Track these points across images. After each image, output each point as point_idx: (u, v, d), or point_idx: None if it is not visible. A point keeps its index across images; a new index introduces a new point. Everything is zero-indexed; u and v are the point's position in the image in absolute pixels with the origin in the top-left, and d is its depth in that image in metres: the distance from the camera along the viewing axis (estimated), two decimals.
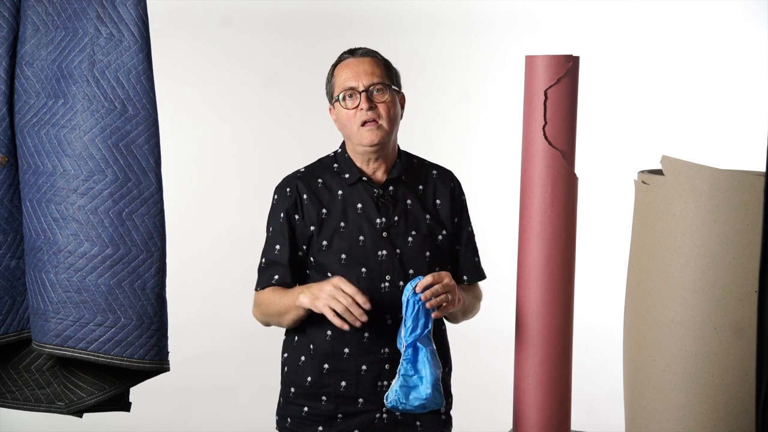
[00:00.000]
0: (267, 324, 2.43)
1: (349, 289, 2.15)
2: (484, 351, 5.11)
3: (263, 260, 2.39)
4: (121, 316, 2.44)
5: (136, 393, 2.70)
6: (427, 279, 2.20)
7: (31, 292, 2.50)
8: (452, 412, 2.50)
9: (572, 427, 2.56)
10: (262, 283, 2.39)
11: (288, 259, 2.35)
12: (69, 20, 2.45)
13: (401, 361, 2.21)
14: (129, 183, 2.43)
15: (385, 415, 2.34)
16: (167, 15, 4.45)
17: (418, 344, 2.20)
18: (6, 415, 3.35)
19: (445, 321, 2.47)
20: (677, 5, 6.29)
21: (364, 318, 2.15)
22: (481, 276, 2.49)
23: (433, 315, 2.21)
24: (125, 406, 2.70)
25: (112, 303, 2.43)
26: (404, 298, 2.20)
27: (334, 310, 2.15)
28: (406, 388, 2.21)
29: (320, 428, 2.36)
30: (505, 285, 2.77)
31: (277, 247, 2.36)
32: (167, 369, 2.54)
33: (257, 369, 4.73)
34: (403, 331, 2.20)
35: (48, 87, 2.46)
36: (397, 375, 2.22)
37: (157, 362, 2.49)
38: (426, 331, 2.20)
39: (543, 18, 6.41)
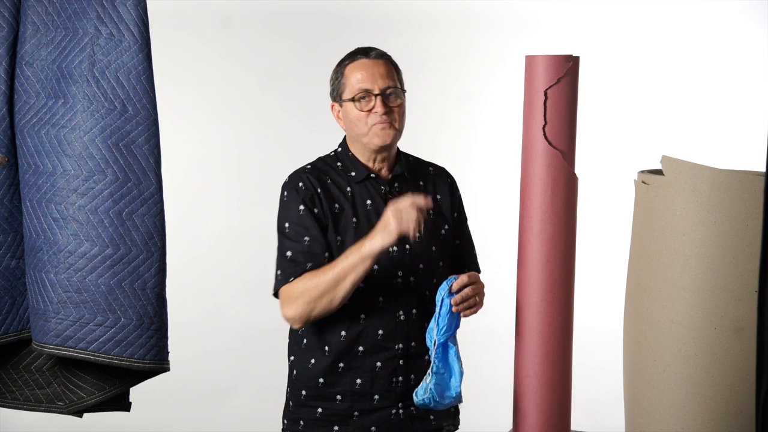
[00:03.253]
0: (307, 317, 2.26)
1: (413, 200, 2.18)
2: (484, 351, 5.11)
3: (289, 254, 2.29)
4: (121, 316, 2.44)
5: (136, 393, 2.70)
6: (464, 279, 2.24)
7: (31, 292, 2.50)
8: None
9: (572, 427, 2.56)
10: (295, 273, 2.27)
11: (322, 247, 2.28)
12: (69, 20, 2.45)
13: (433, 359, 2.23)
14: (129, 183, 2.43)
15: (401, 411, 2.35)
16: (167, 15, 4.45)
17: (448, 343, 2.23)
18: (6, 415, 3.35)
19: None
20: (677, 5, 6.29)
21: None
22: (478, 270, 2.52)
23: (462, 315, 2.25)
24: (125, 406, 2.70)
25: (112, 303, 2.43)
26: (438, 297, 2.23)
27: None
28: (440, 387, 2.23)
29: (336, 428, 2.35)
30: (505, 285, 2.77)
31: (306, 238, 2.28)
32: (167, 369, 2.54)
33: (257, 369, 4.74)
34: (435, 330, 2.23)
35: (48, 87, 2.46)
36: (429, 374, 2.23)
37: (157, 362, 2.49)
38: (456, 330, 2.24)
39: (543, 18, 6.41)
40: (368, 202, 2.35)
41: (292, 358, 2.42)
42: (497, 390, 3.90)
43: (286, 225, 2.32)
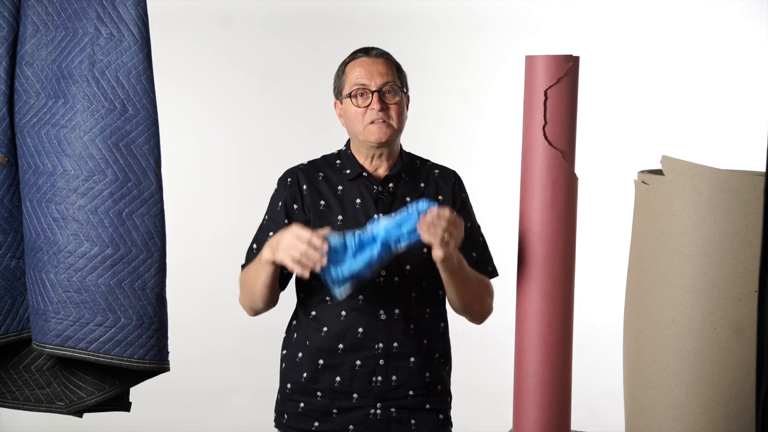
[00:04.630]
0: (252, 309, 2.37)
1: (305, 234, 2.09)
2: (484, 351, 5.11)
3: (254, 245, 2.38)
4: (121, 316, 2.44)
5: (136, 393, 2.70)
6: (446, 212, 2.09)
7: (31, 292, 2.50)
8: (452, 412, 2.50)
9: (572, 427, 2.56)
10: (245, 265, 2.38)
11: None
12: (69, 20, 2.45)
13: (357, 232, 2.11)
14: (129, 183, 2.43)
15: (379, 411, 2.35)
16: (167, 15, 4.45)
17: (377, 242, 2.10)
18: (6, 415, 3.35)
19: (447, 319, 2.46)
20: (677, 5, 6.29)
21: (324, 261, 2.08)
22: (488, 271, 2.44)
23: (423, 239, 2.10)
24: (125, 406, 2.70)
25: (112, 303, 2.44)
26: (413, 205, 2.10)
27: (295, 260, 2.09)
28: (336, 256, 2.10)
29: (316, 424, 2.37)
30: (505, 285, 2.77)
31: (271, 233, 2.35)
32: (167, 369, 2.54)
33: (257, 369, 4.74)
34: (384, 221, 2.10)
35: (48, 87, 2.46)
36: (351, 233, 2.11)
37: (157, 362, 2.49)
38: (393, 242, 2.11)
39: (543, 18, 6.41)
40: (357, 200, 2.35)
41: (284, 352, 2.44)
42: (497, 390, 3.91)
43: (266, 216, 2.39)
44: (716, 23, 6.28)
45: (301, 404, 2.38)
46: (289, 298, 2.52)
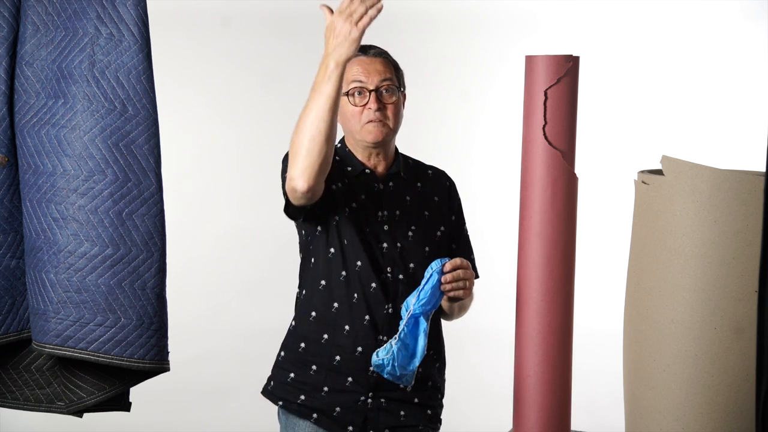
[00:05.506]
0: (308, 168, 2.13)
1: (343, 7, 2.07)
2: (484, 351, 5.11)
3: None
4: (121, 316, 2.44)
5: (136, 393, 2.70)
6: (457, 261, 2.26)
7: (31, 292, 2.50)
8: (452, 412, 2.50)
9: (572, 427, 2.56)
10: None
11: None
12: (69, 20, 2.45)
13: (402, 327, 2.23)
14: (129, 183, 2.43)
15: (369, 400, 2.36)
16: (167, 15, 4.45)
17: (421, 318, 2.22)
18: (6, 415, 3.35)
19: (440, 320, 2.47)
20: (677, 5, 6.29)
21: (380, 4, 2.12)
22: (476, 275, 2.51)
23: (447, 296, 2.27)
24: (125, 406, 2.70)
25: (112, 303, 2.43)
26: (428, 272, 2.25)
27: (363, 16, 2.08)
28: (402, 356, 2.22)
29: (302, 397, 2.36)
30: (505, 285, 2.78)
31: None
32: (167, 369, 2.54)
33: (257, 369, 4.74)
34: (414, 300, 2.23)
35: (48, 87, 2.46)
36: (395, 338, 2.23)
37: (157, 362, 2.49)
38: (434, 309, 2.24)
39: (543, 18, 6.42)
40: (362, 197, 2.37)
41: (292, 323, 2.44)
42: (497, 390, 3.91)
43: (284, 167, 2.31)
44: (715, 23, 6.29)
45: (292, 374, 2.38)
46: (287, 299, 2.53)
